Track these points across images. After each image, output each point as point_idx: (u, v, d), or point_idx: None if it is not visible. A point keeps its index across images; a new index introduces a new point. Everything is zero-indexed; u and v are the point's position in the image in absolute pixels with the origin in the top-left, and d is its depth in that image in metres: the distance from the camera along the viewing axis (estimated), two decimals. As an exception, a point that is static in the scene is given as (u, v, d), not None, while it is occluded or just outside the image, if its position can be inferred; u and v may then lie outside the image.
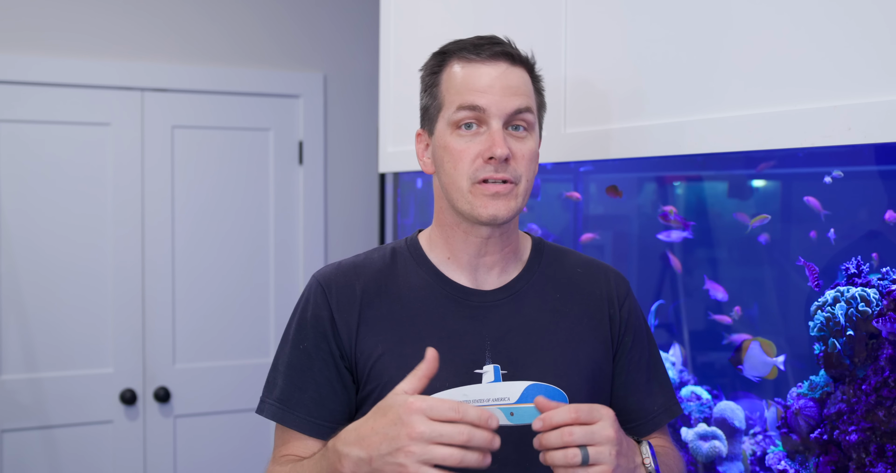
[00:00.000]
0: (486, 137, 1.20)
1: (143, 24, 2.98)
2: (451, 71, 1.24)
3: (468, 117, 1.21)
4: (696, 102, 1.43)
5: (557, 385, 1.21)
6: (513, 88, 1.21)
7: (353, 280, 1.28)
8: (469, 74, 1.22)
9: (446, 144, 1.23)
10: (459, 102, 1.21)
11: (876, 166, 1.38)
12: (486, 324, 1.25)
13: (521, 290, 1.29)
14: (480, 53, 1.22)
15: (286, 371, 1.27)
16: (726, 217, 1.67)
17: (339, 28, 3.26)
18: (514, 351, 1.24)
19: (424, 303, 1.26)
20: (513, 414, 1.19)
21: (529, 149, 1.23)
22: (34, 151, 2.85)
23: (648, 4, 1.52)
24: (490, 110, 1.20)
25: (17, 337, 2.84)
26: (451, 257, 1.29)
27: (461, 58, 1.24)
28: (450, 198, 1.25)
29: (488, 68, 1.22)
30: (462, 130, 1.22)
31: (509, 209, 1.21)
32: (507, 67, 1.23)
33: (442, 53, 1.27)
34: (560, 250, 1.37)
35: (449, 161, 1.23)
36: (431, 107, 1.27)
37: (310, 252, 3.23)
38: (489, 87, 1.20)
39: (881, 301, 1.35)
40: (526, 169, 1.22)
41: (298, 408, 1.26)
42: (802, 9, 1.25)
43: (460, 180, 1.21)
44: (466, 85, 1.21)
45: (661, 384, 1.36)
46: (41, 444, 2.86)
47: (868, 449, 1.34)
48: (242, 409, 3.12)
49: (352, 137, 3.30)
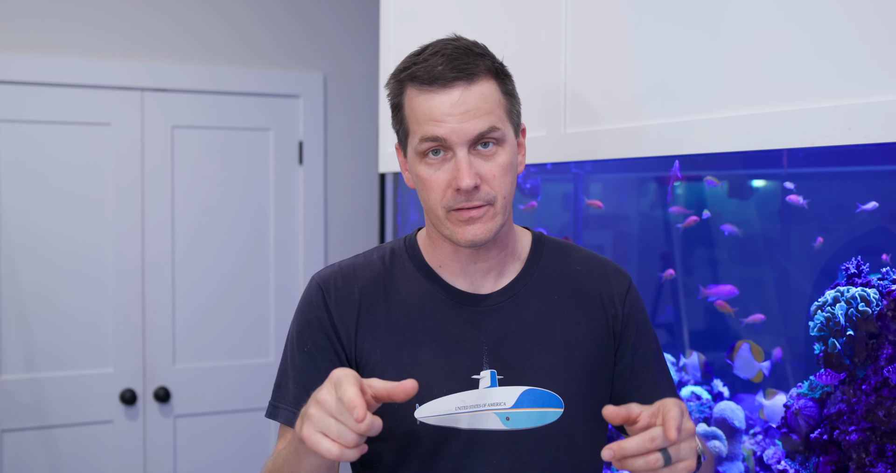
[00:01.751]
0: (452, 164, 1.18)
1: (143, 25, 2.98)
2: (409, 97, 1.21)
3: (432, 147, 1.18)
4: (696, 102, 1.43)
5: (553, 390, 1.22)
6: (472, 112, 1.17)
7: (353, 284, 1.28)
8: (427, 104, 1.18)
9: (417, 173, 1.21)
10: (420, 134, 1.18)
11: (879, 166, 1.38)
12: (484, 329, 1.24)
13: (519, 293, 1.28)
14: (434, 82, 1.18)
15: (296, 375, 1.27)
16: (726, 217, 1.67)
17: (339, 28, 3.26)
18: (511, 356, 1.23)
19: (422, 308, 1.26)
20: (508, 419, 1.19)
21: (500, 165, 1.19)
22: (34, 151, 2.85)
23: (648, 5, 1.52)
24: (451, 139, 1.17)
25: (17, 337, 2.84)
26: (442, 266, 1.28)
27: (415, 86, 1.19)
28: (429, 218, 1.24)
29: (443, 97, 1.17)
30: (430, 157, 1.19)
31: (487, 230, 1.19)
32: (464, 91, 1.17)
33: (397, 80, 1.23)
34: (561, 246, 1.36)
35: (422, 190, 1.21)
36: (400, 131, 1.26)
37: (310, 252, 3.23)
38: (447, 115, 1.17)
39: (881, 301, 1.35)
40: (500, 186, 1.19)
41: None
42: (802, 9, 1.25)
43: (435, 208, 1.20)
44: (425, 115, 1.18)
45: (666, 378, 1.35)
46: (41, 444, 2.86)
47: (868, 449, 1.34)
48: (242, 409, 3.12)
49: (352, 137, 3.30)
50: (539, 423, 1.21)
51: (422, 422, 1.20)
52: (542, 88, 1.72)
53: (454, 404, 1.20)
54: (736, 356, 1.57)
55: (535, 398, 1.21)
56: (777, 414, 1.54)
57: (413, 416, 1.20)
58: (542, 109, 1.72)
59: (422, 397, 1.20)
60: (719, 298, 1.63)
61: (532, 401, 1.21)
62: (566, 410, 1.22)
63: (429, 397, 1.20)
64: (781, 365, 1.56)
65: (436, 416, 1.19)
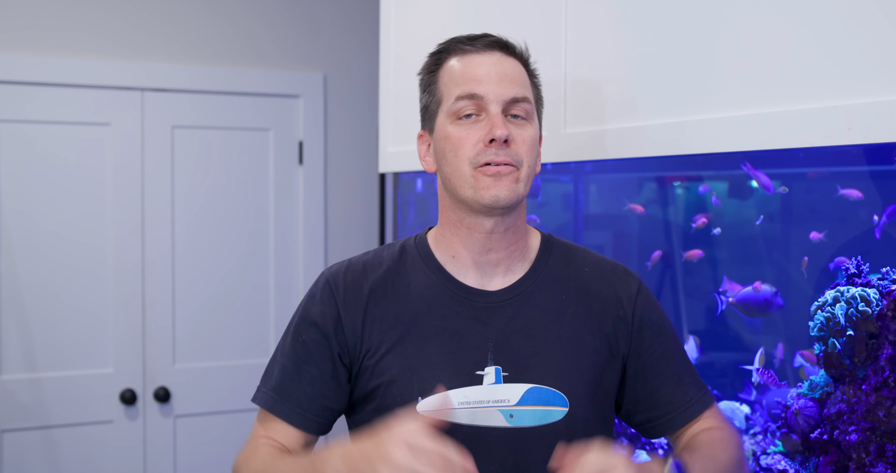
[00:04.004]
0: (485, 122, 1.21)
1: (143, 25, 2.98)
2: (448, 66, 1.27)
3: (467, 106, 1.22)
4: (696, 102, 1.43)
5: (558, 389, 1.22)
6: (509, 77, 1.23)
7: (361, 279, 1.28)
8: (466, 64, 1.24)
9: (447, 134, 1.24)
10: (458, 92, 1.23)
11: (878, 166, 1.38)
12: (490, 325, 1.25)
13: (526, 290, 1.28)
14: (475, 44, 1.25)
15: (283, 362, 1.30)
16: (726, 217, 1.67)
17: (339, 28, 3.26)
18: (517, 353, 1.23)
19: (429, 303, 1.26)
20: (512, 416, 1.19)
21: (529, 135, 1.24)
22: (34, 150, 2.85)
23: (648, 4, 1.52)
24: (488, 97, 1.21)
25: (17, 337, 2.84)
26: (455, 256, 1.28)
27: (457, 51, 1.26)
28: (452, 188, 1.25)
29: (484, 58, 1.24)
30: (462, 120, 1.23)
31: (511, 191, 1.20)
32: (502, 57, 1.25)
33: (437, 52, 1.30)
34: (569, 247, 1.36)
35: (451, 150, 1.23)
36: (431, 103, 1.28)
37: (310, 252, 3.23)
38: (486, 75, 1.22)
39: (881, 301, 1.35)
40: (527, 154, 1.23)
41: (290, 399, 1.27)
42: (802, 8, 1.25)
43: (462, 166, 1.22)
44: (464, 76, 1.24)
45: (690, 375, 1.33)
46: (41, 444, 2.86)
47: (868, 449, 1.34)
48: (242, 409, 3.11)
49: (352, 137, 3.30)
50: (543, 421, 1.21)
51: (423, 416, 1.20)
52: (542, 89, 1.72)
53: (457, 399, 1.20)
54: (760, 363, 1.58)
55: (540, 396, 1.21)
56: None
57: (415, 409, 1.20)
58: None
59: (425, 390, 1.20)
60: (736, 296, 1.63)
61: (537, 399, 1.21)
62: (571, 409, 1.22)
63: (432, 391, 1.20)
64: (783, 364, 1.57)
65: (437, 410, 1.19)
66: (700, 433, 1.28)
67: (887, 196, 1.37)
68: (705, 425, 1.29)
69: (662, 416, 1.30)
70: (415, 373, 1.22)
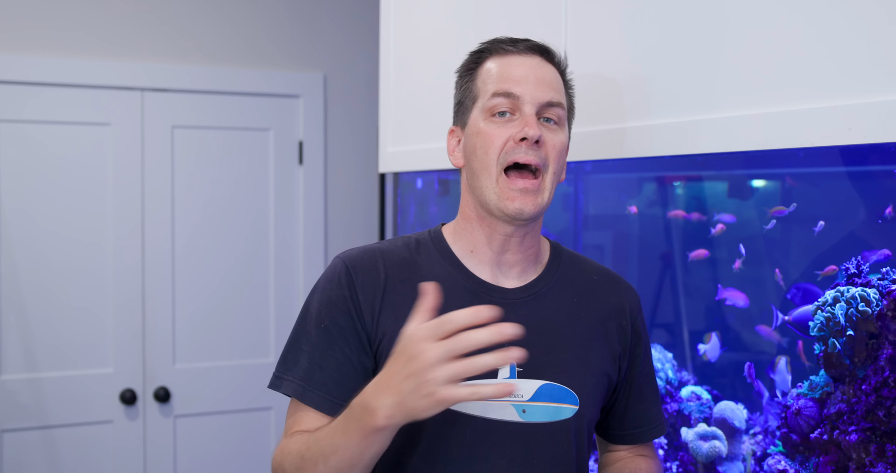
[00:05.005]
0: (518, 121, 1.23)
1: (143, 24, 2.98)
2: (487, 64, 1.29)
3: (502, 104, 1.24)
4: (696, 102, 1.43)
5: (569, 387, 1.23)
6: (546, 81, 1.25)
7: (378, 264, 1.27)
8: (505, 64, 1.26)
9: (479, 130, 1.25)
10: (494, 89, 1.25)
11: (877, 166, 1.38)
12: (506, 321, 1.24)
13: (540, 291, 1.30)
14: (517, 46, 1.28)
15: (310, 351, 1.25)
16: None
17: (339, 28, 3.26)
18: (531, 350, 1.22)
19: (446, 294, 1.25)
20: (525, 412, 1.19)
21: (560, 140, 1.25)
22: (35, 150, 2.85)
23: (648, 4, 1.52)
24: (524, 98, 1.23)
25: (17, 337, 2.84)
26: (474, 251, 1.29)
27: (497, 51, 1.28)
28: (477, 187, 1.25)
29: (523, 59, 1.26)
30: (496, 117, 1.24)
31: (535, 205, 1.23)
32: (541, 61, 1.28)
33: (479, 51, 1.32)
34: (576, 256, 1.40)
35: (481, 146, 1.24)
36: (466, 99, 1.30)
37: (310, 252, 3.23)
38: (524, 77, 1.24)
39: (881, 301, 1.35)
40: (554, 160, 1.24)
41: (319, 387, 1.23)
42: (803, 9, 1.25)
43: (490, 165, 1.23)
44: (502, 74, 1.25)
45: (659, 397, 1.43)
46: (41, 444, 2.86)
47: (868, 449, 1.34)
48: (242, 409, 3.12)
49: (352, 137, 3.30)
50: (554, 418, 1.22)
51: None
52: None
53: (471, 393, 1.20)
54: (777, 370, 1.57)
55: (553, 393, 1.22)
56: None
57: None
58: (542, 109, 1.72)
59: None
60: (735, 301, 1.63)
61: (549, 396, 1.22)
62: (580, 407, 1.25)
63: None
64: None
65: None
66: (639, 459, 1.38)
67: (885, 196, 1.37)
68: (647, 453, 1.41)
69: (634, 428, 1.39)
70: None
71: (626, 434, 1.39)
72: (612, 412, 1.38)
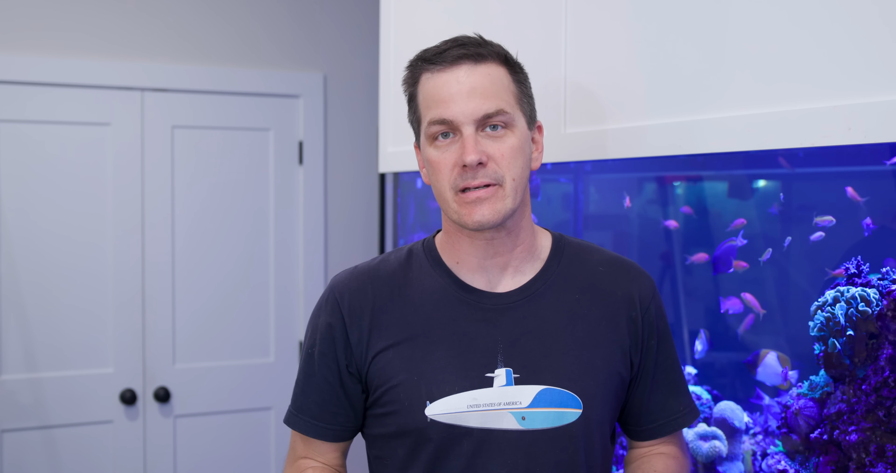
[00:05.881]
0: (459, 144, 1.20)
1: (143, 25, 2.98)
2: (422, 83, 1.25)
3: (440, 130, 1.21)
4: (696, 102, 1.43)
5: (571, 390, 1.20)
6: (478, 91, 1.19)
7: (367, 285, 1.28)
8: (434, 85, 1.22)
9: (428, 158, 1.23)
10: (429, 117, 1.21)
11: (879, 166, 1.38)
12: (499, 327, 1.24)
13: (537, 291, 1.27)
14: (442, 62, 1.21)
15: (298, 376, 1.32)
16: (726, 217, 1.67)
17: (339, 28, 3.26)
18: (528, 355, 1.22)
19: (437, 306, 1.25)
20: (524, 419, 1.17)
21: (509, 147, 1.20)
22: (34, 151, 2.85)
23: (648, 4, 1.52)
24: (457, 119, 1.19)
25: (17, 337, 2.84)
26: (460, 262, 1.28)
27: (426, 69, 1.24)
28: (442, 208, 1.25)
29: (450, 75, 1.20)
30: (439, 140, 1.21)
31: (495, 212, 1.19)
32: (470, 70, 1.20)
33: (411, 67, 1.28)
34: (582, 246, 1.35)
35: (433, 174, 1.23)
36: (413, 122, 1.28)
37: (310, 252, 3.23)
38: (454, 95, 1.19)
39: (881, 301, 1.35)
40: (508, 167, 1.20)
41: (305, 412, 1.29)
42: (803, 8, 1.25)
43: (444, 190, 1.21)
44: (433, 98, 1.21)
45: (683, 386, 1.36)
46: (41, 444, 2.86)
47: (868, 449, 1.34)
48: (242, 409, 3.12)
49: (352, 137, 3.30)
50: (556, 423, 1.20)
51: (432, 420, 1.19)
52: (542, 89, 1.72)
53: (466, 402, 1.19)
54: (761, 363, 1.57)
55: (553, 398, 1.19)
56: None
57: (424, 413, 1.20)
58: (542, 110, 1.72)
59: (433, 394, 1.20)
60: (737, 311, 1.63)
61: (549, 401, 1.19)
62: (584, 411, 1.21)
63: (440, 394, 1.20)
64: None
65: (446, 413, 1.18)
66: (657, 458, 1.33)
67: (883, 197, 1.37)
68: (666, 450, 1.35)
69: (652, 423, 1.33)
70: (422, 377, 1.21)
71: (645, 429, 1.34)
72: (629, 407, 1.33)
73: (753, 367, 1.59)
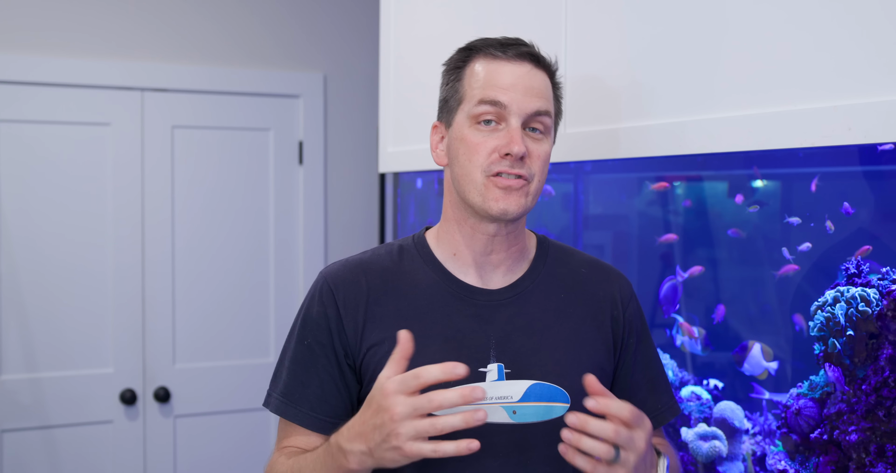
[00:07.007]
0: (504, 133, 1.21)
1: (143, 24, 2.98)
2: (475, 66, 1.26)
3: (488, 112, 1.22)
4: (696, 102, 1.43)
5: (559, 385, 1.22)
6: (535, 90, 1.23)
7: (360, 277, 1.29)
8: (493, 70, 1.23)
9: (463, 137, 1.24)
10: (481, 96, 1.22)
11: (875, 166, 1.38)
12: (492, 323, 1.26)
13: (526, 289, 1.29)
14: (506, 52, 1.24)
15: (290, 367, 1.29)
16: (726, 217, 1.67)
17: (339, 28, 3.26)
18: (518, 351, 1.24)
19: (430, 301, 1.27)
20: (515, 413, 1.19)
21: (545, 151, 1.24)
22: (34, 150, 2.85)
23: (648, 4, 1.52)
24: (511, 108, 1.21)
25: (17, 337, 2.84)
26: (456, 254, 1.29)
27: (486, 54, 1.25)
28: (461, 190, 1.25)
29: (513, 67, 1.23)
30: (481, 125, 1.23)
31: (520, 205, 1.22)
32: (531, 69, 1.24)
33: (468, 49, 1.29)
34: (564, 248, 1.38)
35: (464, 153, 1.23)
36: (452, 99, 1.28)
37: (310, 252, 3.23)
38: (512, 85, 1.22)
39: (881, 301, 1.35)
40: (539, 169, 1.23)
41: (301, 403, 1.28)
42: (802, 9, 1.25)
43: (474, 172, 1.22)
44: (489, 81, 1.23)
45: (664, 383, 1.39)
46: (41, 444, 2.86)
47: (868, 449, 1.34)
48: (242, 409, 3.12)
49: (352, 137, 3.30)
50: (545, 417, 1.22)
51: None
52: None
53: None
54: (748, 355, 1.58)
55: (542, 393, 1.21)
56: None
57: None
58: (542, 109, 1.72)
59: (426, 388, 1.20)
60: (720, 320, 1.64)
61: (539, 395, 1.21)
62: (573, 405, 1.23)
63: (433, 388, 1.20)
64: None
65: None
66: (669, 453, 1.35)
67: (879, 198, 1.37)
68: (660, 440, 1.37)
69: None
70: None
71: None
72: None
73: (741, 358, 1.59)
